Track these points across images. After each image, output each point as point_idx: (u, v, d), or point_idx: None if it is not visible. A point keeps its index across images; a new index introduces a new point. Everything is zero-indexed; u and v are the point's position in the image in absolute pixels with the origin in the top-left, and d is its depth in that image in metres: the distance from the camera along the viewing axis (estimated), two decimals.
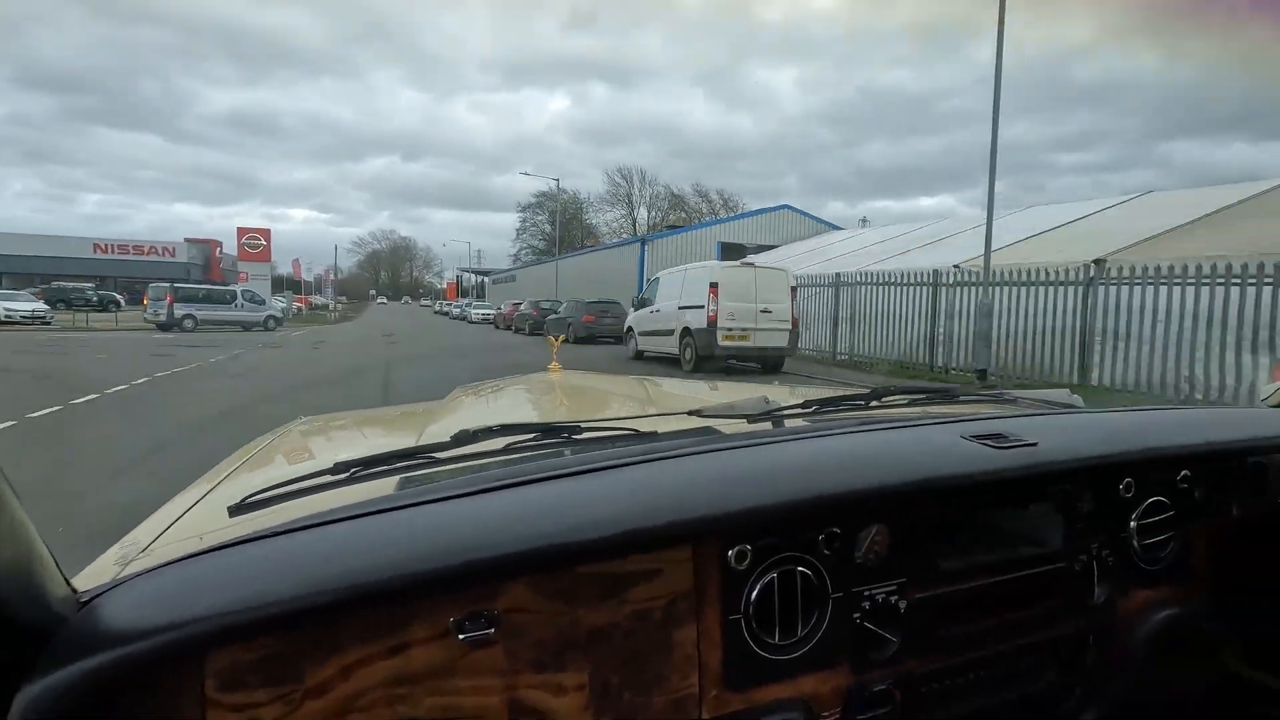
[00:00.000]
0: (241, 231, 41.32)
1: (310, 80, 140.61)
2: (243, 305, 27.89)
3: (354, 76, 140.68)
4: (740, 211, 27.55)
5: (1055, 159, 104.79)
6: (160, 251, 52.04)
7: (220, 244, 52.98)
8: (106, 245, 51.80)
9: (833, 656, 0.91)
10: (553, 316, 22.97)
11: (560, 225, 70.07)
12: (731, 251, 26.08)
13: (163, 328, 25.36)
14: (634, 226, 65.82)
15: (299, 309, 52.62)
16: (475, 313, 41.40)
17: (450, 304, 59.53)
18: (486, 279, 68.76)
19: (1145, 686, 1.15)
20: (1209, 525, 1.23)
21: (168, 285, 26.70)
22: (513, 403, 2.02)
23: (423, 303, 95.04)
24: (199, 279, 43.79)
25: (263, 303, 29.08)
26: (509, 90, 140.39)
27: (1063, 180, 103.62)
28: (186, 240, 53.98)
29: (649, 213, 67.32)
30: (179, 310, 25.98)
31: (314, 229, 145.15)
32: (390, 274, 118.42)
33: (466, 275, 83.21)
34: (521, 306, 27.47)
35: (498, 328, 31.84)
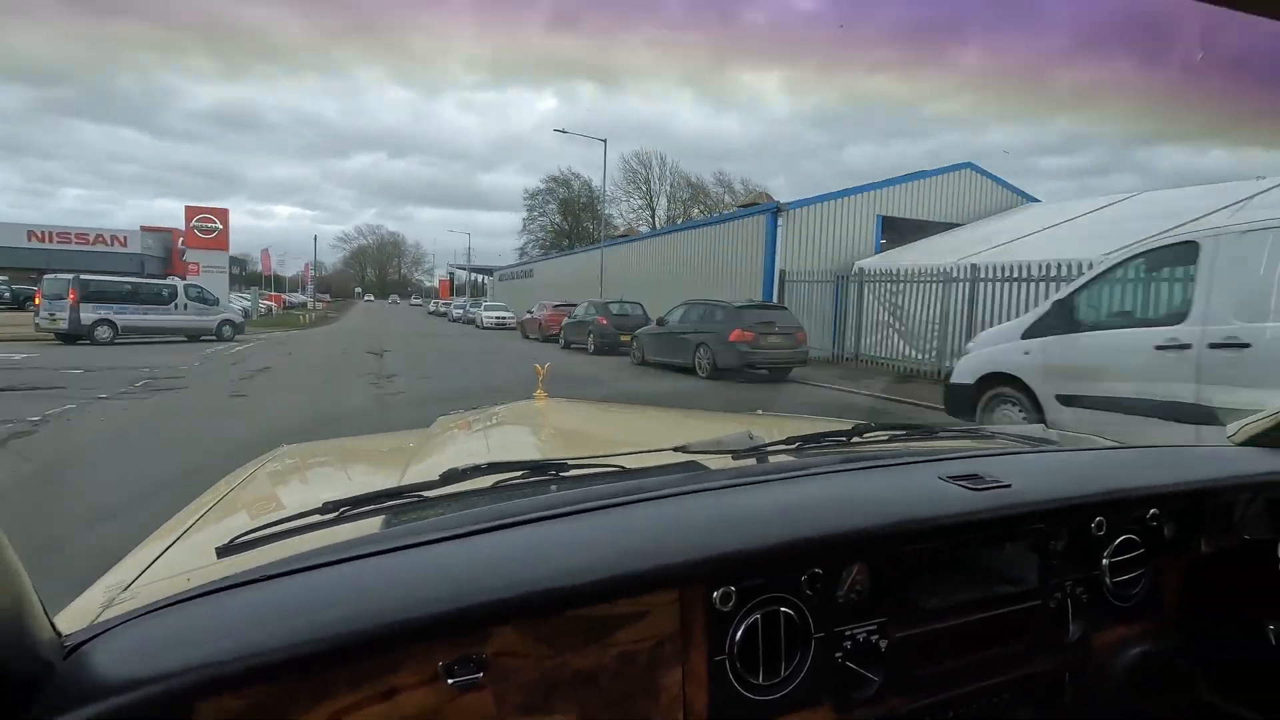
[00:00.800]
0: (191, 212, 32.84)
1: (293, 76, 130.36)
2: (186, 306, 19.83)
3: (337, 73, 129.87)
4: (764, 202, 18.31)
5: (1039, 163, 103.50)
6: (110, 240, 43.29)
7: (182, 234, 44.44)
8: (44, 233, 42.95)
9: (816, 696, 0.91)
10: (648, 329, 13.79)
11: (571, 216, 62.50)
12: (896, 231, 17.70)
13: (64, 338, 17.43)
14: (653, 218, 58.40)
15: (270, 309, 44.81)
16: (487, 315, 32.61)
17: (448, 303, 50.87)
18: (491, 276, 60.59)
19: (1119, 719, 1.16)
20: (1178, 560, 1.24)
21: (69, 278, 18.24)
22: (500, 435, 1.96)
23: (413, 301, 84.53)
24: (157, 272, 35.40)
25: (215, 302, 20.92)
26: (495, 89, 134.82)
27: (1049, 184, 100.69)
28: (142, 229, 45.28)
29: (669, 204, 59.65)
30: (89, 313, 17.88)
31: (299, 225, 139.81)
32: (377, 271, 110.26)
33: (460, 272, 75.51)
34: (579, 310, 18.50)
35: (528, 337, 23.47)
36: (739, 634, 0.85)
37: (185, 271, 36.57)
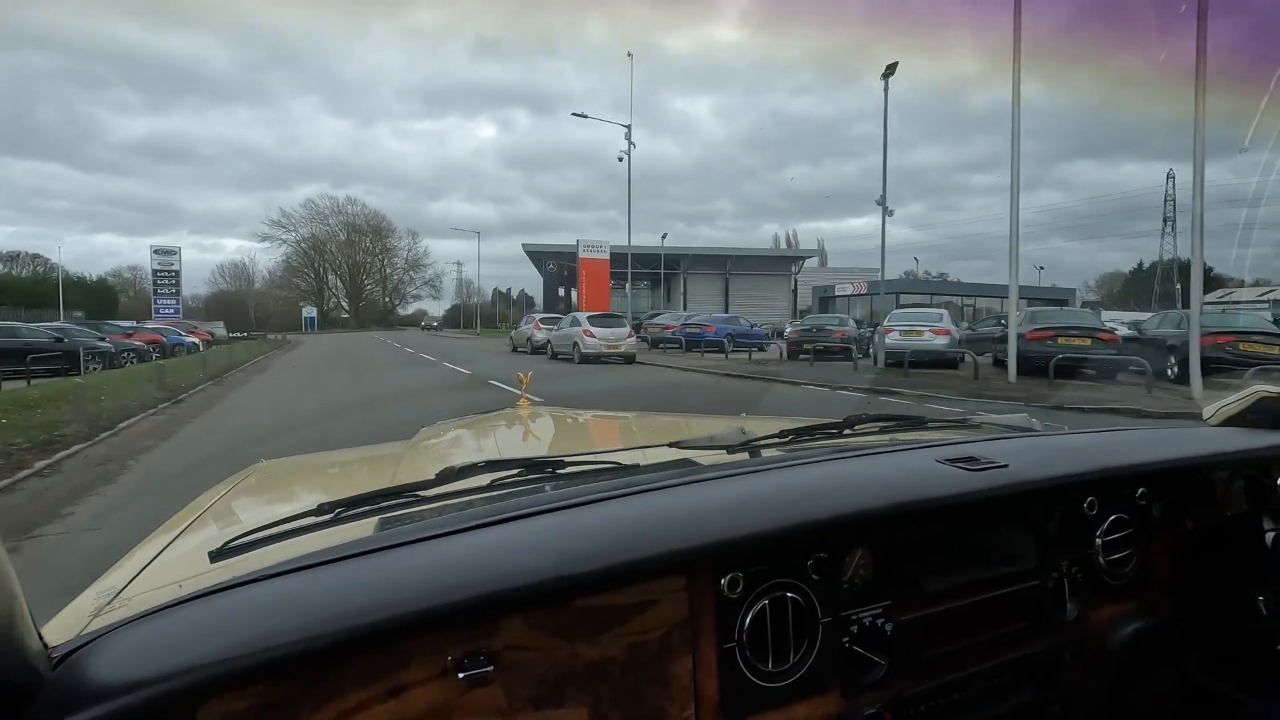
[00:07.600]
0: None
1: (222, 107, 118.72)
2: None
3: (269, 103, 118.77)
4: None
5: (968, 180, 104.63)
6: None
7: None
8: None
9: (824, 681, 0.91)
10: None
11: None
12: None
13: None
14: None
15: None
16: None
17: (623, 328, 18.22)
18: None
19: (1116, 698, 1.17)
20: (1165, 539, 1.27)
21: None
22: (491, 438, 1.97)
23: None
24: None
25: None
26: (431, 118, 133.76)
27: (977, 200, 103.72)
28: None
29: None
30: None
31: (248, 258, 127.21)
32: (348, 278, 71.33)
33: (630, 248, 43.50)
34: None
35: None
36: (748, 621, 0.86)
37: None
